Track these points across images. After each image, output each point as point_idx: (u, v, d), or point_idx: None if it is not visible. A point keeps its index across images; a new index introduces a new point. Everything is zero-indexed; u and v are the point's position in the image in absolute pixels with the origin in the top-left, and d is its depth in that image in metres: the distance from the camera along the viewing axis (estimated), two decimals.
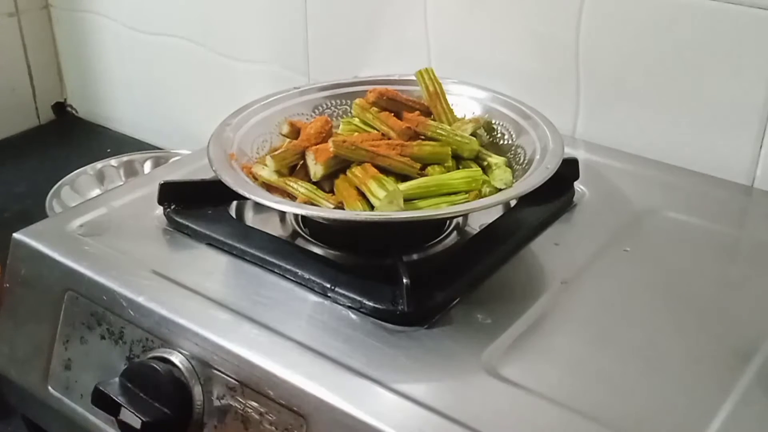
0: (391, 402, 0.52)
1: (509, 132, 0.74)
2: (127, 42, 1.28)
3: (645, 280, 0.65)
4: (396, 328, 0.58)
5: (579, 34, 0.85)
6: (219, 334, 0.58)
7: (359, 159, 0.67)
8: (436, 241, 0.70)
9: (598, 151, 0.84)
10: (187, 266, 0.67)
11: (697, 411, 0.52)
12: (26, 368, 0.70)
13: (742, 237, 0.73)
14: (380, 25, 0.99)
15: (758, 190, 0.79)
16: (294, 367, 0.55)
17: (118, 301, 0.63)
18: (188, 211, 0.72)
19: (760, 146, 0.78)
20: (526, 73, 0.89)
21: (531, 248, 0.68)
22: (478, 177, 0.67)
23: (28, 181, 1.21)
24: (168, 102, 1.28)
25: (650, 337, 0.58)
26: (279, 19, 1.08)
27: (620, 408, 0.52)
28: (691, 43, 0.78)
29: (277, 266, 0.65)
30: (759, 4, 0.74)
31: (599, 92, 0.86)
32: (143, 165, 1.18)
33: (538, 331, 0.59)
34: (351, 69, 1.01)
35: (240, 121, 0.74)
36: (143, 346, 0.62)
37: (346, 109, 0.79)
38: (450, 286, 0.61)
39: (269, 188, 0.68)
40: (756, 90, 0.76)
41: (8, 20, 1.32)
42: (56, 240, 0.70)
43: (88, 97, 1.41)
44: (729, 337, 0.59)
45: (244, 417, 0.57)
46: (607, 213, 0.73)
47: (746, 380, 0.54)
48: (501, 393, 0.53)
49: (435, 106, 0.75)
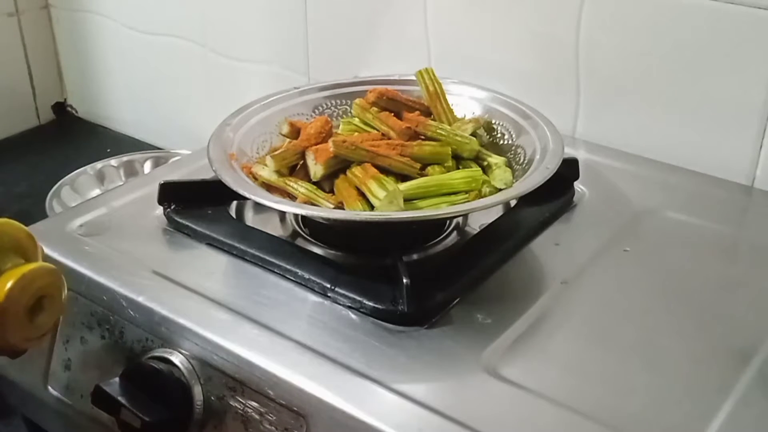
0: (391, 402, 0.52)
1: (509, 132, 0.74)
2: (127, 42, 1.28)
3: (645, 280, 0.65)
4: (396, 328, 0.58)
5: (579, 34, 0.85)
6: (219, 334, 0.58)
7: (359, 159, 0.67)
8: (436, 241, 0.70)
9: (598, 151, 0.84)
10: (187, 266, 0.67)
11: (697, 411, 0.52)
12: (26, 368, 0.70)
13: (742, 237, 0.73)
14: (380, 25, 0.99)
15: (758, 190, 0.79)
16: (294, 367, 0.55)
17: (118, 301, 0.63)
18: (188, 211, 0.72)
19: (760, 146, 0.78)
20: (526, 73, 0.89)
21: (531, 248, 0.68)
22: (478, 177, 0.67)
23: (28, 181, 1.21)
24: (168, 102, 1.28)
25: (650, 337, 0.58)
26: (279, 19, 1.08)
27: (620, 408, 0.52)
28: (691, 43, 0.78)
29: (277, 266, 0.65)
30: (759, 4, 0.74)
31: (599, 92, 0.86)
32: (143, 165, 1.18)
33: (538, 331, 0.59)
34: (351, 69, 1.01)
35: (240, 121, 0.74)
36: (143, 346, 0.62)
37: (346, 109, 0.79)
38: (450, 286, 0.61)
39: (269, 188, 0.68)
40: (756, 90, 0.76)
41: (8, 20, 1.32)
42: (56, 240, 0.70)
43: (88, 97, 1.41)
44: (729, 337, 0.59)
45: (244, 417, 0.57)
46: (607, 213, 0.73)
47: (746, 380, 0.54)
48: (501, 393, 0.53)
49: (435, 106, 0.75)
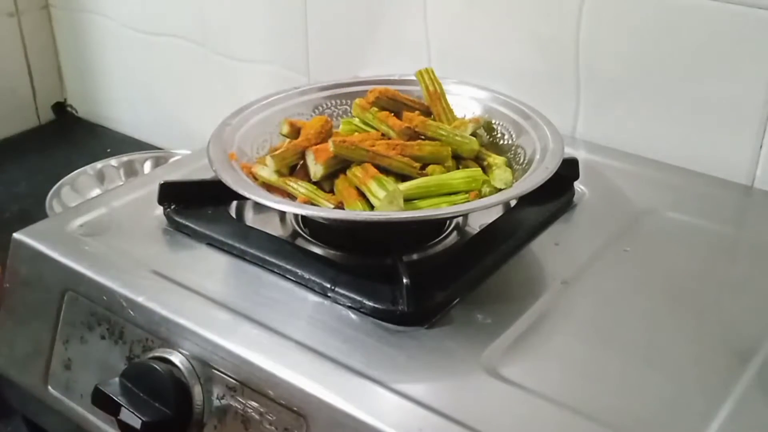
0: (391, 402, 0.52)
1: (509, 132, 0.74)
2: (127, 42, 1.28)
3: (645, 280, 0.65)
4: (396, 328, 0.58)
5: (579, 34, 0.85)
6: (219, 334, 0.58)
7: (359, 159, 0.67)
8: (436, 241, 0.70)
9: (598, 151, 0.84)
10: (187, 266, 0.67)
11: (697, 411, 0.52)
12: (26, 368, 0.70)
13: (742, 237, 0.73)
14: (380, 25, 0.99)
15: (758, 190, 0.79)
16: (294, 367, 0.55)
17: (118, 301, 0.63)
18: (188, 211, 0.72)
19: (760, 146, 0.78)
20: (526, 73, 0.89)
21: (531, 248, 0.68)
22: (478, 177, 0.67)
23: (28, 181, 1.21)
24: (168, 102, 1.28)
25: (650, 337, 0.59)
26: (279, 19, 1.08)
27: (620, 408, 0.52)
28: (691, 43, 0.78)
29: (277, 266, 0.65)
30: (759, 4, 0.74)
31: (599, 92, 0.86)
32: (143, 165, 1.18)
33: (538, 331, 0.59)
34: (351, 69, 1.01)
35: (240, 121, 0.74)
36: (143, 346, 0.62)
37: (346, 109, 0.79)
38: (450, 286, 0.61)
39: (269, 188, 0.68)
40: (756, 90, 0.76)
41: (8, 20, 1.32)
42: (56, 240, 0.70)
43: (88, 97, 1.41)
44: (729, 337, 0.59)
45: (244, 417, 0.57)
46: (607, 213, 0.73)
47: (746, 380, 0.54)
48: (501, 393, 0.53)
49: (435, 106, 0.75)
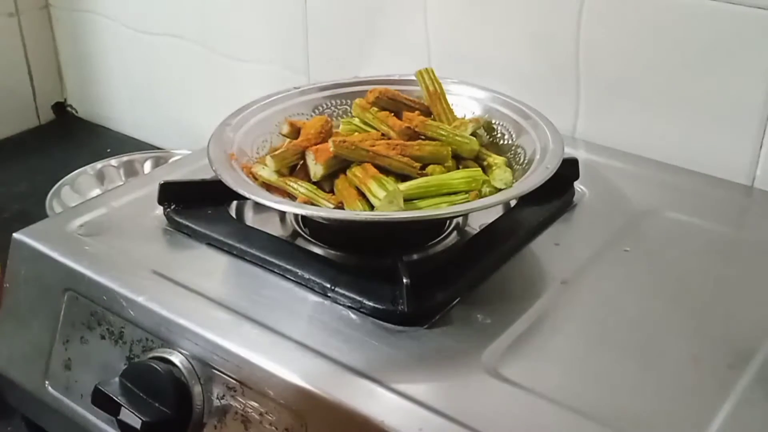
0: (391, 402, 0.52)
1: (509, 132, 0.74)
2: (127, 42, 1.28)
3: (645, 280, 0.65)
4: (396, 328, 0.58)
5: (579, 34, 0.85)
6: (219, 334, 0.58)
7: (359, 159, 0.67)
8: (436, 241, 0.70)
9: (598, 151, 0.84)
10: (187, 266, 0.67)
11: (697, 411, 0.52)
12: (26, 368, 0.70)
13: (742, 237, 0.73)
14: (380, 25, 0.99)
15: (758, 190, 0.79)
16: (294, 367, 0.55)
17: (118, 301, 0.63)
18: (188, 211, 0.72)
19: (760, 146, 0.78)
20: (526, 73, 0.89)
21: (531, 248, 0.68)
22: (478, 177, 0.67)
23: (28, 181, 1.21)
24: (168, 102, 1.28)
25: (650, 337, 0.58)
26: (279, 19, 1.08)
27: (620, 408, 0.52)
28: (691, 42, 0.78)
29: (277, 266, 0.65)
30: (759, 4, 0.74)
31: (599, 92, 0.86)
32: (143, 165, 1.18)
33: (538, 331, 0.59)
34: (351, 69, 1.01)
35: (240, 121, 0.74)
36: (143, 346, 0.62)
37: (346, 109, 0.79)
38: (450, 286, 0.61)
39: (269, 188, 0.68)
40: (756, 90, 0.76)
41: (8, 20, 1.32)
42: (56, 240, 0.70)
43: (88, 97, 1.41)
44: (729, 337, 0.59)
45: (244, 417, 0.57)
46: (607, 213, 0.73)
47: (746, 380, 0.54)
48: (501, 393, 0.53)
49: (435, 106, 0.75)
